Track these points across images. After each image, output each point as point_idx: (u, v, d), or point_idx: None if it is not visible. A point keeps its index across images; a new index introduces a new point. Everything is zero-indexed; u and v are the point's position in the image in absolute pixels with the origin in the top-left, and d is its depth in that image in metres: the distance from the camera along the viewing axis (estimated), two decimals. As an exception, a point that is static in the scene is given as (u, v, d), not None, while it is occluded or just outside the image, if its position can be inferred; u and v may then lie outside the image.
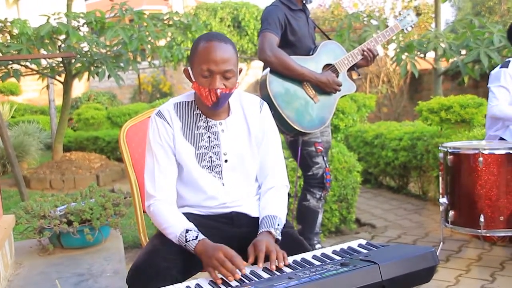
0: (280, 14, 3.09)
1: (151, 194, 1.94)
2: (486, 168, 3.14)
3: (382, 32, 3.36)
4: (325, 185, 3.19)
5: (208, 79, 1.87)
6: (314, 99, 3.05)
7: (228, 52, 1.89)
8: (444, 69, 7.16)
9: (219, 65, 1.85)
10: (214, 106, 1.91)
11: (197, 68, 1.88)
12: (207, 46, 1.88)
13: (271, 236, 1.82)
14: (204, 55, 1.86)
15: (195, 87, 1.90)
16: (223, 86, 1.87)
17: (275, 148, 2.08)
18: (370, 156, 5.60)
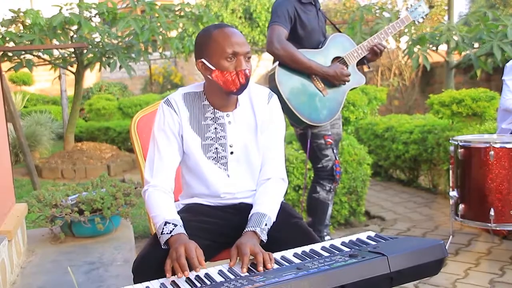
0: (289, 7, 3.09)
1: (147, 180, 1.96)
2: (497, 161, 3.13)
3: (393, 23, 3.34)
4: (335, 177, 3.19)
5: (232, 63, 1.88)
6: (323, 92, 3.05)
7: (243, 37, 1.92)
8: (456, 62, 7.11)
9: (242, 46, 1.87)
10: (241, 89, 1.91)
11: (217, 55, 1.88)
12: (225, 31, 1.89)
13: (256, 237, 1.79)
14: (226, 39, 1.87)
15: (217, 75, 1.89)
16: (248, 67, 1.89)
17: (277, 140, 2.07)
18: (380, 149, 5.59)
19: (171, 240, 1.75)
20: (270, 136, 2.06)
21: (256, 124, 2.03)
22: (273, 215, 1.93)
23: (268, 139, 2.05)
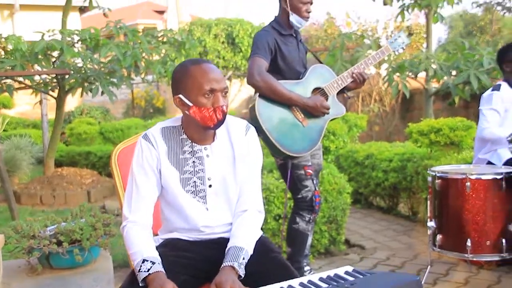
0: (270, 39, 3.14)
1: (126, 215, 1.97)
2: (473, 193, 3.18)
3: (373, 54, 3.40)
4: (314, 208, 3.22)
5: (210, 99, 1.90)
6: (303, 123, 3.09)
7: (221, 73, 1.96)
8: (435, 90, 7.23)
9: (220, 83, 1.91)
10: (218, 124, 1.95)
11: (195, 91, 1.91)
12: (203, 67, 1.93)
13: (234, 272, 1.81)
14: (203, 76, 1.90)
15: (195, 111, 1.92)
16: (225, 103, 1.92)
17: (254, 172, 2.10)
18: (360, 176, 5.63)
19: (148, 279, 1.75)
20: (247, 168, 2.08)
21: (234, 157, 2.06)
22: (250, 248, 1.94)
23: (246, 171, 2.07)
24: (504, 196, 3.18)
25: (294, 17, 3.20)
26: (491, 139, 3.70)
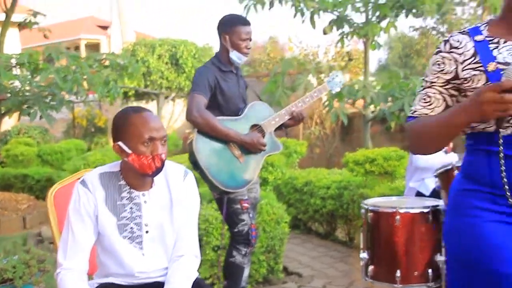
0: (210, 75, 3.21)
1: (61, 262, 1.98)
2: (402, 225, 3.32)
3: (310, 93, 3.53)
4: (250, 242, 3.28)
5: (149, 147, 1.95)
6: (240, 159, 3.17)
7: (160, 121, 2.01)
8: (372, 116, 7.48)
9: (159, 131, 1.96)
10: (156, 172, 1.99)
11: (134, 139, 1.95)
12: (143, 116, 1.97)
13: None
14: (143, 124, 1.95)
15: (134, 158, 1.96)
16: (164, 151, 1.97)
17: (191, 217, 2.15)
18: (299, 202, 5.75)
19: None
20: (184, 213, 2.13)
21: (171, 203, 2.10)
22: None
23: (183, 216, 2.12)
24: (431, 228, 3.33)
25: (234, 53, 3.29)
26: (425, 167, 3.91)
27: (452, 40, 1.64)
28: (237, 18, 3.35)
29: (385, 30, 7.31)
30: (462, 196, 1.67)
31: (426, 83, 1.69)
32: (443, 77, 1.64)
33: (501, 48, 1.60)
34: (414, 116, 1.69)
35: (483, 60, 1.58)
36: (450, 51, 1.63)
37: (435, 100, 1.66)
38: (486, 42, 1.61)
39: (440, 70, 1.65)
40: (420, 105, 1.69)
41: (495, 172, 1.56)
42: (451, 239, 1.71)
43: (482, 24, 1.69)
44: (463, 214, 1.64)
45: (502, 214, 1.57)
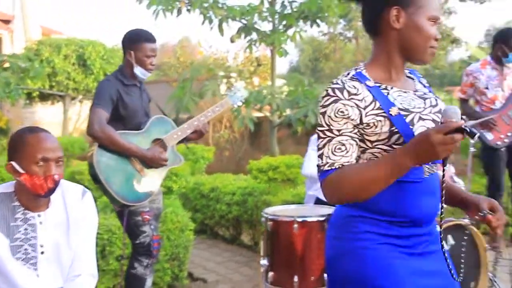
0: (112, 89, 3.22)
1: None
2: (299, 233, 3.49)
3: (212, 107, 3.61)
4: (152, 253, 3.32)
5: (42, 168, 1.95)
6: (141, 173, 3.20)
7: (57, 141, 2.01)
8: (278, 121, 7.70)
9: (54, 152, 1.96)
10: (49, 192, 1.99)
11: (28, 159, 1.94)
12: (37, 136, 1.97)
13: None
14: (38, 144, 1.95)
15: (26, 178, 1.95)
16: (58, 172, 1.97)
17: (89, 236, 2.17)
18: (206, 208, 5.83)
19: None
20: (82, 232, 2.14)
21: (68, 223, 2.11)
22: None
23: (80, 236, 2.14)
24: (326, 235, 3.53)
25: (139, 69, 3.31)
26: (311, 177, 4.12)
27: (348, 87, 1.64)
28: (143, 34, 3.35)
29: (292, 39, 7.55)
30: (349, 222, 1.73)
31: (331, 133, 1.65)
32: (351, 123, 1.63)
33: (393, 94, 1.68)
34: (334, 168, 1.64)
35: (383, 106, 1.63)
36: (350, 98, 1.63)
37: (350, 147, 1.64)
38: (378, 88, 1.68)
39: (347, 117, 1.63)
40: (337, 156, 1.64)
41: (381, 199, 1.66)
42: (338, 263, 1.75)
43: (361, 69, 1.73)
44: (351, 238, 1.70)
45: (389, 236, 1.68)
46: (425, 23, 1.68)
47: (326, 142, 1.65)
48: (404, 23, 1.68)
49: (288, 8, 7.24)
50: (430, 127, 1.65)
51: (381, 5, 1.71)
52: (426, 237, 1.74)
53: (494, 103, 5.00)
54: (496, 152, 4.91)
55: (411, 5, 1.68)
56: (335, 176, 1.63)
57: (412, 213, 1.68)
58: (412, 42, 1.69)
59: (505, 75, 5.06)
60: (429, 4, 1.69)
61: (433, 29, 1.69)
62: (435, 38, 1.70)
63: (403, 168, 1.54)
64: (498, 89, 5.01)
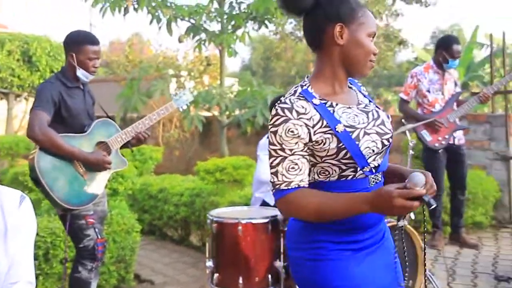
0: (54, 91, 3.17)
1: None
2: (244, 235, 3.54)
3: (157, 110, 3.60)
4: (96, 257, 3.30)
5: None
6: (84, 176, 3.18)
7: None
8: (227, 122, 7.74)
9: None
10: None
11: None
12: None
13: None
14: None
15: None
16: None
17: (27, 243, 2.14)
18: (154, 209, 5.82)
19: None
20: (20, 239, 2.11)
21: (6, 230, 2.07)
22: None
23: (18, 242, 2.11)
24: (271, 237, 3.59)
25: (81, 71, 3.27)
26: (266, 182, 4.15)
27: (296, 107, 1.70)
28: (86, 37, 3.31)
29: (241, 39, 7.59)
30: (304, 232, 1.83)
31: (284, 152, 1.72)
32: (301, 142, 1.70)
33: (338, 110, 1.76)
34: (292, 188, 1.72)
35: (330, 124, 1.70)
36: (299, 118, 1.69)
37: (302, 165, 1.72)
38: (323, 105, 1.75)
39: (297, 136, 1.69)
40: (292, 175, 1.72)
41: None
42: (300, 273, 1.86)
43: (306, 86, 1.80)
44: (307, 248, 1.81)
45: (343, 243, 1.78)
46: (365, 39, 1.78)
47: (279, 161, 1.74)
48: (346, 39, 1.77)
49: (237, 9, 7.28)
50: (375, 139, 1.76)
51: (325, 22, 1.78)
52: (374, 238, 1.86)
53: (434, 106, 5.19)
54: (435, 154, 5.11)
55: (353, 22, 1.76)
56: (294, 197, 1.72)
57: (361, 221, 1.78)
58: (354, 57, 1.78)
59: (446, 80, 5.27)
60: (368, 21, 1.79)
61: (372, 44, 1.80)
62: (374, 53, 1.80)
63: (360, 212, 1.66)
64: (438, 93, 5.21)
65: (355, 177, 1.76)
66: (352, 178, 1.76)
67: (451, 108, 5.19)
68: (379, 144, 1.76)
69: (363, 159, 1.73)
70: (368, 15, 1.80)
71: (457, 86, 5.36)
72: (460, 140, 5.32)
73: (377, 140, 1.76)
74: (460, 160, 5.28)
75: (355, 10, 1.77)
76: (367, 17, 1.79)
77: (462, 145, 5.35)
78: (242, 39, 7.59)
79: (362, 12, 1.78)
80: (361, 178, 1.76)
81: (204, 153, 10.96)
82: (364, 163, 1.73)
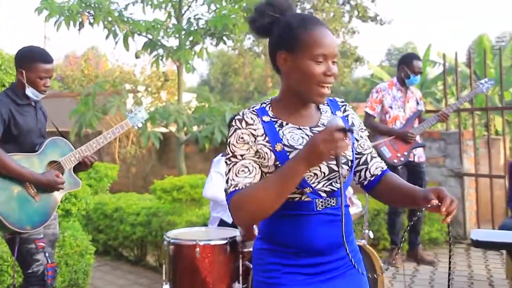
0: (3, 108, 3.04)
1: None
2: (202, 257, 3.45)
3: (112, 129, 3.49)
4: (46, 283, 3.15)
5: None
6: (35, 198, 3.04)
7: None
8: (185, 139, 7.63)
9: None
10: None
11: None
12: None
13: None
14: None
15: None
16: None
17: None
18: (109, 228, 5.65)
19: None
20: None
21: None
22: None
23: None
24: (229, 258, 3.51)
25: (30, 90, 3.13)
26: (213, 199, 4.13)
27: (246, 118, 1.73)
28: (38, 54, 3.15)
29: (199, 55, 7.54)
30: (260, 254, 1.83)
31: (235, 158, 1.72)
32: (252, 149, 1.72)
33: (285, 129, 1.75)
34: (239, 189, 1.69)
35: (271, 140, 1.71)
36: (246, 128, 1.72)
37: (253, 169, 1.71)
38: (272, 123, 1.75)
39: (247, 143, 1.72)
40: (240, 178, 1.70)
41: (282, 233, 1.76)
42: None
43: (267, 104, 1.81)
44: (261, 270, 1.81)
45: (295, 267, 1.75)
46: (307, 64, 1.69)
47: (231, 167, 1.73)
48: (289, 66, 1.74)
49: (195, 25, 7.23)
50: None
51: (273, 49, 1.78)
52: (336, 263, 1.80)
53: (395, 122, 5.26)
54: (395, 170, 5.14)
55: (296, 49, 1.71)
56: (238, 195, 1.68)
57: (311, 244, 1.74)
58: (297, 84, 1.74)
59: (408, 98, 5.37)
60: (315, 43, 1.69)
61: (320, 67, 1.70)
62: (324, 74, 1.70)
63: (296, 173, 1.59)
64: (400, 110, 5.29)
65: (301, 199, 1.73)
66: (298, 200, 1.73)
67: (412, 125, 5.27)
68: (324, 169, 1.72)
69: (302, 180, 1.68)
70: (319, 36, 1.70)
71: (419, 105, 5.44)
72: (420, 157, 5.39)
73: (321, 165, 1.70)
74: (419, 177, 5.34)
75: (299, 35, 1.70)
76: (315, 41, 1.70)
77: (422, 163, 5.42)
78: (200, 55, 7.54)
79: (310, 35, 1.70)
80: (307, 201, 1.73)
81: (161, 170, 10.79)
82: (304, 184, 1.70)
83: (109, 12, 6.82)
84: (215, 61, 36.50)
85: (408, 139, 5.14)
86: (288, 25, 1.73)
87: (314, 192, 1.72)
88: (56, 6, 6.60)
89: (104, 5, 6.74)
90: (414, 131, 5.19)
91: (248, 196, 1.66)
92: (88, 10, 6.86)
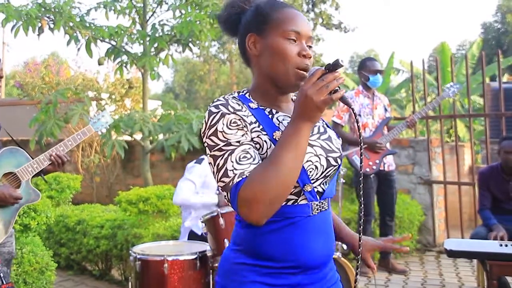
0: None
1: None
2: (171, 273, 3.29)
3: (73, 135, 3.31)
4: (3, 304, 2.95)
5: None
6: (-11, 215, 2.84)
7: None
8: (150, 147, 7.43)
9: None
10: None
11: None
12: None
13: None
14: None
15: None
16: None
17: None
18: (72, 242, 5.41)
19: None
20: None
21: None
22: None
23: None
24: (199, 274, 3.36)
25: None
26: (182, 204, 4.01)
27: (231, 103, 1.52)
28: None
29: (164, 62, 7.35)
30: (236, 269, 1.59)
31: (231, 146, 1.46)
32: (248, 135, 1.50)
33: (278, 117, 1.59)
34: (245, 177, 1.42)
35: (267, 129, 1.53)
36: (234, 112, 1.50)
37: (256, 155, 1.47)
38: (262, 110, 1.58)
39: (241, 128, 1.49)
40: (244, 164, 1.44)
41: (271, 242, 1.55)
42: None
43: (245, 92, 1.64)
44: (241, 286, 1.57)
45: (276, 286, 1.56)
46: (280, 43, 1.56)
47: (226, 156, 1.46)
48: (260, 49, 1.60)
49: (160, 31, 7.06)
50: (319, 154, 1.58)
51: (242, 35, 1.65)
52: (319, 284, 1.62)
53: (364, 130, 5.20)
54: (366, 179, 5.08)
55: (266, 29, 1.59)
56: (248, 185, 1.40)
57: (302, 255, 1.56)
58: (272, 67, 1.59)
59: (376, 105, 5.32)
60: (287, 19, 1.58)
61: (294, 46, 1.57)
62: (299, 55, 1.57)
63: (302, 134, 1.43)
64: (369, 117, 5.24)
65: (297, 202, 1.55)
66: (294, 203, 1.54)
67: (381, 132, 5.22)
68: (323, 161, 1.58)
69: (304, 174, 1.52)
70: (289, 15, 1.59)
71: (387, 112, 5.40)
72: (390, 166, 5.35)
73: (321, 156, 1.57)
74: (390, 186, 5.30)
75: (269, 14, 1.59)
76: (286, 18, 1.58)
77: (392, 171, 5.37)
78: (166, 62, 7.36)
79: (280, 12, 1.59)
80: (303, 204, 1.54)
81: (126, 179, 10.54)
82: (306, 179, 1.54)
83: (70, 17, 6.59)
84: (180, 68, 36.16)
85: (376, 149, 5.09)
86: (257, 7, 1.63)
87: (312, 193, 1.56)
88: (14, 10, 6.34)
89: (64, 10, 6.51)
90: (383, 139, 5.14)
91: (261, 176, 1.40)
92: (47, 14, 6.61)
